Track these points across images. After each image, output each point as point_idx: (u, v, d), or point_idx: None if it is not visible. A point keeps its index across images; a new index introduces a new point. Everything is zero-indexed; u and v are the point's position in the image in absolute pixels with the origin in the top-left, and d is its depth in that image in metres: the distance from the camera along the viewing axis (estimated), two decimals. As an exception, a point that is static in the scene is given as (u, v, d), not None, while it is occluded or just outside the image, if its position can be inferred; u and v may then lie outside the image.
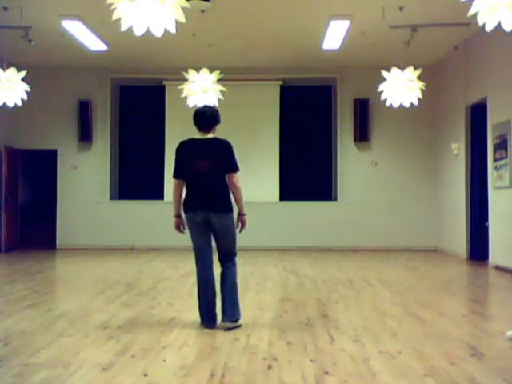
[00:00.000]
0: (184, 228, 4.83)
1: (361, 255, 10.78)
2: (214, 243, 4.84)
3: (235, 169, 4.70)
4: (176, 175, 4.77)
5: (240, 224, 4.76)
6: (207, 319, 4.71)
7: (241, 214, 4.75)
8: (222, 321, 4.69)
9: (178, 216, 4.80)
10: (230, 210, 4.69)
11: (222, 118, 4.91)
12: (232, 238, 4.76)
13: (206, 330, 4.62)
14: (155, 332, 4.57)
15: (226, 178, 4.72)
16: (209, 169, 4.65)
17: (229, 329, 4.61)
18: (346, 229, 11.89)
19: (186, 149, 4.76)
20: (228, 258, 4.77)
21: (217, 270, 4.82)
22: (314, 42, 10.07)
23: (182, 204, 4.78)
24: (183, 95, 8.82)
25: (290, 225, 11.85)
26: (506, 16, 4.46)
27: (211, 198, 4.66)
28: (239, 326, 4.70)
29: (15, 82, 7.95)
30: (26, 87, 8.10)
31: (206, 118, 4.79)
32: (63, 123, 12.13)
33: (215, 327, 4.68)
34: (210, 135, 4.79)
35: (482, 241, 9.64)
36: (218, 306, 4.76)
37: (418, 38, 8.88)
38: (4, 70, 7.93)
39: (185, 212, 4.75)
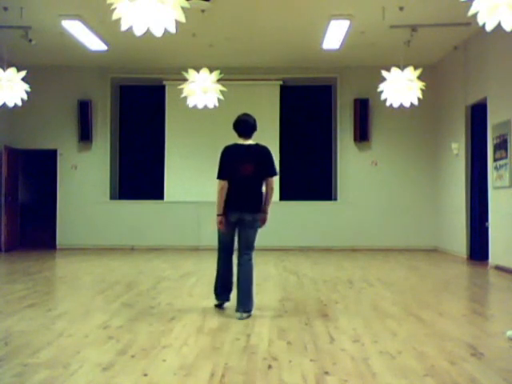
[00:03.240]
0: (225, 226, 5.21)
1: (361, 255, 10.78)
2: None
3: (274, 173, 5.21)
4: (221, 176, 5.14)
5: (261, 221, 5.26)
6: (223, 294, 5.38)
7: (265, 213, 5.25)
8: (237, 310, 5.11)
9: (223, 214, 5.18)
10: (261, 210, 5.21)
11: (221, 117, 5.08)
12: (255, 232, 5.23)
13: (206, 330, 4.63)
14: (155, 332, 4.57)
15: (264, 181, 5.20)
16: (252, 172, 5.11)
17: (241, 318, 5.02)
18: (346, 229, 11.90)
19: (231, 153, 5.18)
20: (247, 248, 5.23)
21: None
22: (313, 42, 10.07)
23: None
24: (183, 95, 8.80)
25: (290, 225, 11.85)
26: (506, 16, 4.45)
27: (250, 200, 5.13)
28: (250, 316, 5.12)
29: (15, 82, 7.95)
30: (26, 87, 8.10)
31: (248, 125, 5.28)
32: (63, 123, 12.13)
33: (228, 301, 5.42)
34: (251, 141, 5.26)
35: (482, 241, 9.64)
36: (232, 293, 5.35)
37: (417, 38, 8.89)
38: (4, 70, 7.93)
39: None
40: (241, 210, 5.11)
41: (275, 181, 5.26)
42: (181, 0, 4.72)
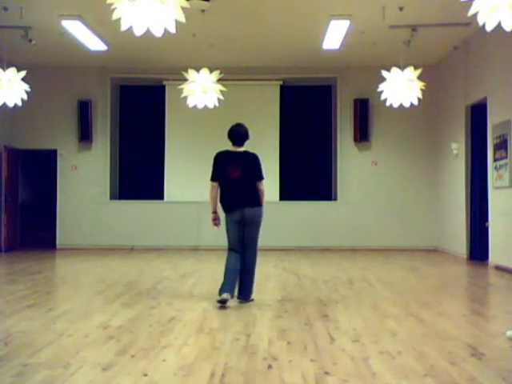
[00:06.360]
0: (219, 223, 5.77)
1: (361, 255, 10.78)
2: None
3: (261, 177, 5.78)
4: (213, 179, 5.76)
5: None
6: (225, 286, 5.51)
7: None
8: (238, 298, 5.73)
9: (215, 212, 5.77)
10: (261, 204, 5.74)
11: (222, 117, 5.24)
12: (258, 227, 5.76)
13: (206, 330, 4.63)
14: (155, 332, 4.57)
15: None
16: (240, 176, 5.66)
17: (244, 300, 5.72)
18: (346, 229, 11.89)
19: (222, 158, 5.76)
20: (251, 242, 5.75)
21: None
22: (314, 42, 10.07)
23: (218, 203, 5.75)
24: (183, 95, 8.81)
25: (290, 225, 11.84)
26: (506, 16, 4.45)
27: (244, 197, 5.64)
28: (252, 300, 5.78)
29: (15, 82, 7.95)
30: (26, 87, 8.10)
31: (240, 135, 5.78)
32: (63, 123, 12.13)
33: (230, 295, 5.50)
34: (242, 149, 5.79)
35: (482, 241, 9.64)
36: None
37: (418, 38, 8.89)
38: (4, 70, 7.93)
39: (225, 212, 5.72)
40: (239, 207, 5.61)
41: (264, 183, 5.76)
42: (181, 0, 4.72)
